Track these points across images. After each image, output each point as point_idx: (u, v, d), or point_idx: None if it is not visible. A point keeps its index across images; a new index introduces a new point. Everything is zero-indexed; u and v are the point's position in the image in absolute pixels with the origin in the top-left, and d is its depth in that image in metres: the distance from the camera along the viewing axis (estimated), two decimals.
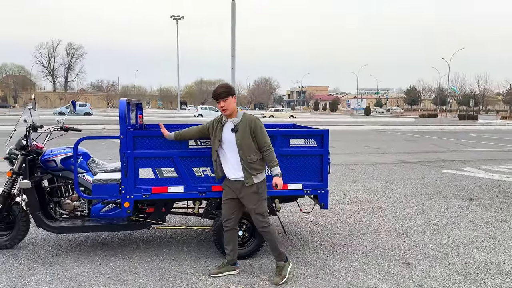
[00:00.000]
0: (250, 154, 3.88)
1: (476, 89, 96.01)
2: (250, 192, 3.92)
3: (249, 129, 3.88)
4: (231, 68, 21.80)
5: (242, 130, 3.88)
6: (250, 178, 3.89)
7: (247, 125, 3.89)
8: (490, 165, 11.97)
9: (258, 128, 3.90)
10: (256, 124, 3.91)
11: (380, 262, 4.51)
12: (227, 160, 4.00)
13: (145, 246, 4.87)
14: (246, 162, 3.88)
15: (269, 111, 51.37)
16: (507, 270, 4.31)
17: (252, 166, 3.89)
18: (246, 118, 3.94)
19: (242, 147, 3.87)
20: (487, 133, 27.45)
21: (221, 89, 3.91)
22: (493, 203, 7.25)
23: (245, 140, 3.87)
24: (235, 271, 4.14)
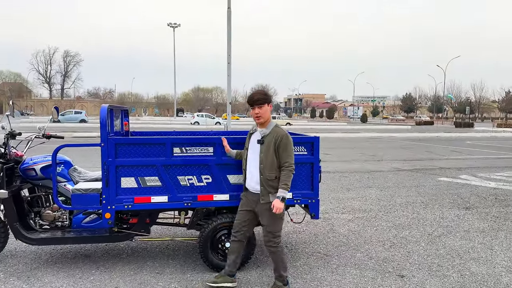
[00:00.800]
0: (270, 171, 3.64)
1: (472, 96, 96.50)
2: (265, 208, 3.69)
3: (274, 144, 3.63)
4: (227, 75, 21.66)
5: (267, 144, 3.66)
6: (267, 196, 3.65)
7: (273, 139, 3.64)
8: (486, 172, 11.84)
9: (283, 145, 3.62)
10: (282, 141, 3.62)
11: (373, 274, 4.34)
12: (250, 170, 3.79)
13: (129, 258, 4.67)
14: (264, 178, 3.65)
15: None
16: (505, 282, 4.14)
17: (270, 184, 3.64)
18: (274, 131, 3.69)
19: (264, 161, 3.65)
20: (483, 140, 27.40)
21: (258, 95, 3.72)
22: (490, 212, 7.09)
23: (268, 155, 3.64)
24: (233, 284, 3.92)
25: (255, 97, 3.71)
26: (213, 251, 4.28)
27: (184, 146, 4.19)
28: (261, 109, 3.70)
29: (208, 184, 4.25)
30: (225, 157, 4.23)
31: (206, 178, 4.25)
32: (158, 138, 4.18)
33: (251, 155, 3.79)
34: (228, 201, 4.27)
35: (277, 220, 3.73)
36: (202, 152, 4.23)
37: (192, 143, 4.20)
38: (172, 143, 4.15)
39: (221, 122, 44.41)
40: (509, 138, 30.76)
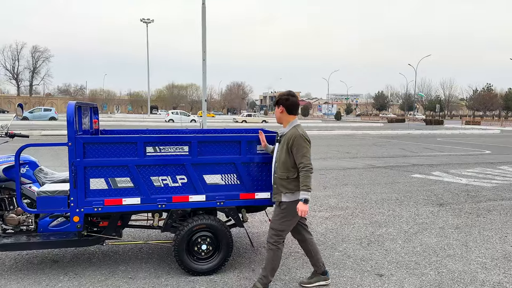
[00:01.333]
0: (283, 170, 3.64)
1: (441, 94, 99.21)
2: (276, 207, 3.75)
3: (287, 144, 3.62)
4: (203, 72, 21.39)
5: (282, 143, 3.69)
6: (278, 195, 3.67)
7: (287, 139, 3.63)
8: (457, 169, 12.10)
9: (296, 146, 3.57)
10: (295, 141, 3.57)
11: (352, 274, 4.29)
12: (273, 168, 3.81)
13: (100, 263, 4.46)
14: (277, 177, 3.68)
15: (242, 116, 51.07)
16: (481, 279, 4.17)
17: (281, 183, 3.65)
18: (291, 131, 3.67)
19: (278, 161, 3.68)
20: (453, 137, 28.14)
21: (276, 98, 3.82)
22: (463, 208, 7.21)
23: (282, 154, 3.65)
24: (327, 281, 3.96)
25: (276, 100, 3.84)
26: (189, 254, 4.13)
27: (157, 145, 4.02)
28: (275, 111, 3.83)
29: (183, 185, 4.09)
30: (201, 156, 4.09)
31: (181, 179, 4.09)
32: (130, 137, 3.99)
33: (275, 154, 3.82)
34: (205, 202, 4.12)
35: (284, 220, 3.67)
36: (177, 151, 4.06)
37: (166, 142, 4.04)
38: (145, 142, 3.98)
39: (196, 120, 43.93)
40: (477, 135, 31.72)
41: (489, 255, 4.86)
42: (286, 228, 3.71)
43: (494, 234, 5.68)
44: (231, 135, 4.24)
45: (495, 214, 6.79)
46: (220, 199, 4.15)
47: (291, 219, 3.69)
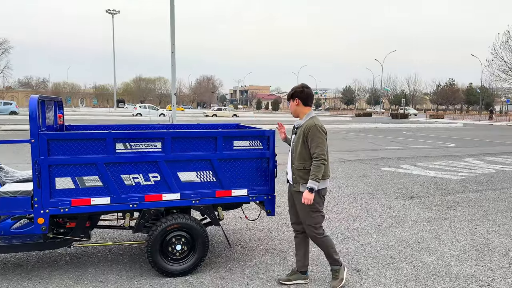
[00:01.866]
0: (299, 161, 3.69)
1: (406, 89, 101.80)
2: (299, 198, 3.70)
3: (303, 135, 3.66)
4: (171, 65, 20.92)
5: (299, 135, 3.72)
6: (298, 184, 3.71)
7: (303, 130, 3.68)
8: (425, 162, 12.39)
9: (311, 136, 3.62)
10: (310, 132, 3.63)
11: (329, 270, 4.24)
12: (289, 159, 3.86)
13: (67, 266, 4.22)
14: (295, 168, 3.74)
15: (212, 110, 50.61)
16: (455, 272, 4.23)
17: (299, 174, 3.69)
18: (307, 122, 3.71)
19: (295, 151, 3.74)
20: (418, 131, 28.92)
21: (290, 92, 3.86)
22: (433, 201, 7.35)
23: (298, 145, 3.69)
24: (305, 281, 3.92)
25: (289, 94, 3.89)
26: (162, 255, 3.96)
27: (128, 141, 3.82)
28: (290, 104, 3.90)
29: (156, 183, 3.91)
30: (175, 153, 3.92)
31: (154, 177, 3.91)
32: (98, 133, 3.77)
33: (291, 146, 3.89)
34: (179, 201, 3.96)
35: (313, 213, 3.72)
36: (149, 147, 3.88)
37: (138, 138, 3.84)
38: (115, 139, 3.76)
39: (165, 114, 43.16)
40: (441, 128, 32.76)
41: (461, 248, 4.95)
42: (320, 219, 3.78)
43: (465, 226, 5.81)
44: (206, 131, 4.09)
45: (464, 206, 6.95)
46: (196, 197, 4.00)
47: (317, 208, 3.73)
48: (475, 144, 18.57)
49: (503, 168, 11.24)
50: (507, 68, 43.92)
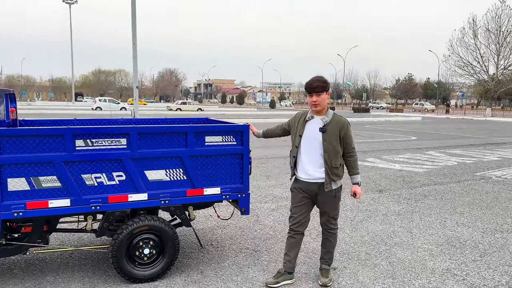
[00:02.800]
0: (335, 159, 3.59)
1: (367, 84, 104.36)
2: (329, 197, 3.66)
3: (339, 132, 3.57)
4: (133, 57, 20.16)
5: (330, 132, 3.56)
6: (330, 184, 3.61)
7: (338, 127, 3.57)
8: (389, 155, 12.59)
9: (349, 134, 3.62)
10: (348, 128, 3.62)
11: (306, 269, 4.12)
12: (307, 159, 3.64)
13: (24, 274, 3.85)
14: (330, 166, 3.57)
15: (176, 103, 49.61)
16: (430, 267, 4.21)
17: (335, 172, 3.61)
18: (336, 119, 3.61)
19: (329, 150, 3.56)
20: (380, 124, 29.62)
21: (317, 82, 3.54)
22: (401, 194, 7.42)
23: (332, 143, 3.56)
24: (292, 280, 3.80)
25: (314, 85, 3.55)
26: (129, 260, 3.68)
27: (89, 137, 3.49)
28: (319, 97, 3.55)
29: (121, 183, 3.62)
30: (142, 150, 3.63)
31: (118, 176, 3.61)
32: (55, 129, 3.42)
33: (308, 143, 3.63)
34: (147, 201, 3.69)
35: (338, 205, 3.79)
36: (113, 144, 3.57)
37: (100, 133, 3.52)
38: (74, 135, 3.43)
39: (127, 108, 41.90)
40: (401, 122, 33.70)
41: (434, 241, 4.96)
42: (339, 209, 3.86)
43: (434, 220, 5.86)
44: (176, 126, 3.84)
45: (431, 199, 7.05)
46: (165, 197, 3.73)
47: (340, 200, 3.80)
48: (435, 137, 19.16)
49: (464, 161, 11.59)
50: (462, 64, 45.82)
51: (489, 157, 12.32)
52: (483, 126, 28.53)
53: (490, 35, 44.45)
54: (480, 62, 45.26)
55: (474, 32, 44.87)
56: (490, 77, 45.95)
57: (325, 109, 3.64)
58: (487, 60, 45.22)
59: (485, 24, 44.58)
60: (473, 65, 45.65)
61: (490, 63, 45.47)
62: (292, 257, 3.77)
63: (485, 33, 44.62)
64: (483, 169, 10.21)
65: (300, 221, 3.74)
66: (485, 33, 44.58)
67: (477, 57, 45.21)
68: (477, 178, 9.01)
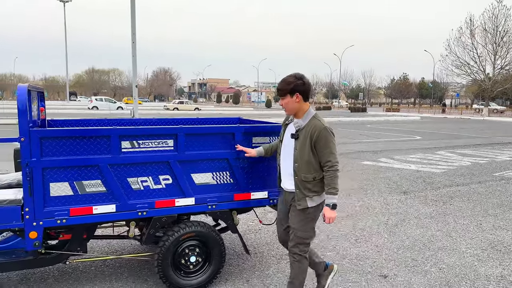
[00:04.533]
0: (306, 171, 3.02)
1: (362, 83, 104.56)
2: (299, 212, 3.09)
3: (310, 141, 2.99)
4: (132, 55, 19.81)
5: (302, 139, 3.03)
6: (303, 200, 3.04)
7: (309, 134, 2.99)
8: (400, 155, 12.44)
9: (322, 140, 2.97)
10: (320, 135, 2.97)
11: (355, 277, 3.93)
12: (284, 167, 3.19)
13: (59, 285, 3.62)
14: (299, 179, 3.03)
15: (173, 103, 49.18)
16: (483, 274, 4.03)
17: (307, 186, 3.03)
18: (311, 124, 3.02)
19: (299, 160, 3.03)
20: (380, 124, 29.52)
21: (281, 84, 3.08)
22: (427, 196, 7.25)
23: (303, 153, 3.01)
24: (334, 271, 3.49)
25: (278, 87, 3.13)
26: (175, 269, 3.46)
27: (136, 139, 3.27)
28: (283, 101, 3.10)
29: (167, 186, 3.40)
30: (189, 151, 3.41)
31: (165, 179, 3.39)
32: (101, 129, 3.19)
33: (285, 150, 3.18)
34: (194, 206, 3.47)
35: (309, 226, 3.13)
36: (160, 146, 3.35)
37: (147, 134, 3.30)
38: (120, 136, 3.21)
39: (123, 107, 41.45)
40: (401, 121, 33.66)
41: (477, 246, 4.80)
42: (312, 234, 3.19)
43: (469, 222, 5.70)
44: (223, 126, 3.65)
45: (459, 201, 6.89)
46: (212, 202, 3.52)
47: (315, 223, 3.18)
48: (439, 137, 19.08)
49: (477, 161, 11.48)
50: (459, 63, 45.93)
51: (501, 157, 12.23)
52: (483, 126, 28.57)
53: (487, 35, 44.61)
54: (477, 61, 45.41)
55: (471, 32, 45.03)
56: (487, 76, 46.14)
57: (300, 111, 3.09)
58: (484, 59, 45.40)
59: (482, 24, 44.77)
60: (470, 65, 45.78)
61: (487, 62, 45.66)
62: (313, 264, 3.42)
63: (482, 33, 44.79)
64: (499, 169, 10.09)
65: (281, 238, 3.35)
66: (482, 33, 44.75)
67: (474, 57, 45.36)
68: (496, 178, 8.89)
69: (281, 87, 3.08)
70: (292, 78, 3.06)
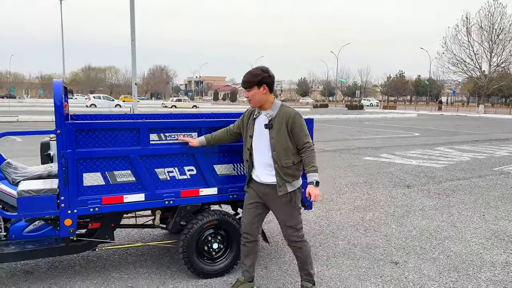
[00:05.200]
0: (286, 157, 3.16)
1: (358, 81, 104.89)
2: (282, 201, 3.22)
3: (286, 127, 3.15)
4: (131, 53, 19.90)
5: (277, 128, 3.15)
6: (284, 186, 3.17)
7: (284, 121, 3.15)
8: (400, 151, 12.67)
9: (298, 125, 3.16)
10: (295, 120, 3.15)
11: (368, 264, 4.12)
12: (258, 160, 3.26)
13: (86, 271, 3.79)
14: (280, 166, 3.16)
15: (171, 100, 49.27)
16: (489, 260, 4.24)
17: (287, 172, 3.17)
18: (283, 112, 3.18)
19: (277, 148, 3.15)
20: (378, 121, 29.76)
21: (246, 77, 3.19)
22: (429, 189, 7.46)
23: (281, 140, 3.15)
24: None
25: (243, 79, 3.22)
26: (199, 255, 3.64)
27: (163, 131, 3.45)
28: (250, 92, 3.19)
29: (192, 177, 3.57)
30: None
31: (189, 170, 3.57)
32: (132, 122, 3.37)
33: (258, 142, 3.25)
34: (217, 195, 3.66)
35: (296, 212, 3.27)
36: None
37: (174, 128, 3.48)
38: (149, 128, 3.38)
39: (121, 105, 41.49)
40: (398, 118, 33.96)
41: (481, 235, 5.01)
42: (300, 218, 3.32)
43: (473, 214, 5.91)
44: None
45: (461, 194, 7.11)
46: (234, 192, 3.70)
47: (300, 206, 3.34)
48: (437, 133, 19.33)
49: (476, 156, 11.71)
50: (456, 61, 46.30)
51: (499, 153, 12.48)
52: (479, 123, 28.90)
53: (483, 33, 45.03)
54: (473, 59, 45.82)
55: (467, 30, 45.39)
56: (483, 74, 46.54)
57: (268, 103, 3.22)
58: (480, 57, 45.81)
59: (478, 22, 45.14)
60: (467, 62, 46.19)
61: (483, 60, 46.07)
62: (248, 266, 3.42)
63: (478, 31, 45.18)
64: (498, 164, 10.33)
65: (249, 225, 3.35)
66: (479, 31, 45.15)
67: (471, 54, 45.76)
68: (496, 173, 9.12)
69: (248, 79, 3.19)
70: (259, 70, 3.21)
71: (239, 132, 3.46)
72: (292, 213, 3.25)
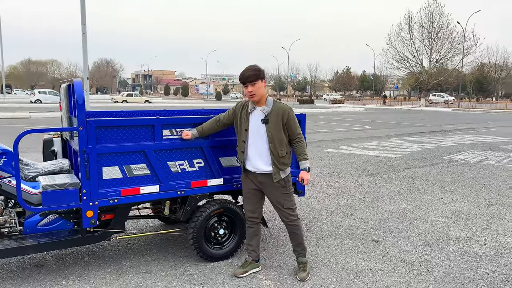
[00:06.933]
0: (281, 148, 3.54)
1: (308, 76, 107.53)
2: (277, 187, 3.61)
3: (282, 121, 3.51)
4: (83, 46, 19.34)
5: (274, 122, 3.50)
6: (278, 173, 3.56)
7: (280, 116, 3.50)
8: (357, 143, 13.50)
9: (292, 119, 3.55)
10: (290, 115, 3.54)
11: (352, 243, 4.62)
12: (254, 151, 3.57)
13: (97, 262, 3.97)
14: (276, 156, 3.53)
15: (122, 95, 47.96)
16: (453, 236, 4.89)
17: (282, 161, 3.57)
18: (277, 107, 3.53)
19: (274, 140, 3.51)
20: (330, 115, 31.00)
21: (249, 71, 3.47)
22: (391, 177, 8.18)
23: (277, 133, 3.51)
24: (259, 268, 3.87)
25: (246, 74, 3.49)
26: (207, 241, 3.95)
27: (175, 127, 3.71)
28: (254, 86, 3.47)
29: (200, 169, 3.87)
30: (218, 138, 3.90)
31: (198, 162, 3.86)
32: (147, 119, 3.60)
33: (255, 135, 3.56)
34: (223, 185, 3.98)
35: (290, 195, 3.70)
36: None
37: (184, 123, 3.75)
38: (163, 125, 3.64)
39: None
40: (348, 112, 35.48)
41: (443, 215, 5.70)
42: (293, 199, 3.75)
43: (433, 197, 6.64)
44: None
45: (419, 180, 7.88)
46: (237, 182, 4.03)
47: (292, 189, 3.77)
48: (387, 126, 20.61)
49: (426, 146, 12.78)
50: (399, 57, 48.98)
51: (445, 143, 13.67)
52: (422, 116, 30.98)
53: (424, 31, 47.97)
54: (415, 55, 48.72)
55: (410, 28, 48.14)
56: (424, 69, 49.60)
57: (263, 98, 3.53)
58: (421, 54, 48.80)
59: (420, 20, 48.01)
60: (409, 59, 49.06)
61: (424, 56, 49.10)
62: (255, 246, 3.80)
63: (419, 29, 48.06)
64: (446, 153, 11.38)
65: (252, 209, 3.74)
66: (420, 29, 48.03)
67: (413, 51, 48.63)
68: (446, 161, 10.09)
69: (253, 73, 3.46)
70: (257, 66, 3.55)
71: (229, 123, 3.76)
72: (288, 196, 3.67)
